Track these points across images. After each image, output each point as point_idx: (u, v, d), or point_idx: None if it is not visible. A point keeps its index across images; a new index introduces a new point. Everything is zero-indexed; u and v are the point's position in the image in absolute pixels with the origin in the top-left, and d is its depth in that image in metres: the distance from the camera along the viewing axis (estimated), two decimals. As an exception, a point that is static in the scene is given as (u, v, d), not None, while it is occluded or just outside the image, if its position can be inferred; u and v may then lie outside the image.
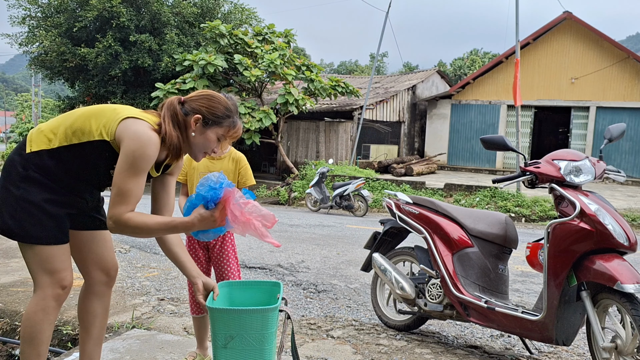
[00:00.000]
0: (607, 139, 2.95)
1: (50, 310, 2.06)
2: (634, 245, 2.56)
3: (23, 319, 2.08)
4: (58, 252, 2.06)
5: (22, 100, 48.18)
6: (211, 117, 2.05)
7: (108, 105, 2.08)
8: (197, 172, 2.70)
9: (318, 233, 8.21)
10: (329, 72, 43.10)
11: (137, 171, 1.93)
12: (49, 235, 2.02)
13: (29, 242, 2.02)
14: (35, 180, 2.00)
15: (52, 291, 2.06)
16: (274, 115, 15.48)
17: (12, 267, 4.95)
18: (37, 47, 19.77)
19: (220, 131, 2.08)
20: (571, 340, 2.81)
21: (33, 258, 2.05)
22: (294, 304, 4.19)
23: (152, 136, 1.96)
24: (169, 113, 2.04)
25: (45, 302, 2.05)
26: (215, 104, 2.08)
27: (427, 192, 13.25)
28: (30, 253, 2.05)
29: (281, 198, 15.00)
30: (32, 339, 2.05)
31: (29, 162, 2.01)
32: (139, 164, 1.93)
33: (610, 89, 18.07)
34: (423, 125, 22.87)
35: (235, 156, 2.73)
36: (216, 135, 2.08)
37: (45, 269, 2.05)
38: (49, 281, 2.05)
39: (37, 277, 2.07)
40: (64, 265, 2.08)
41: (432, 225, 3.32)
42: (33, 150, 2.02)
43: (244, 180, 2.72)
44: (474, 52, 49.95)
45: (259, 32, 17.33)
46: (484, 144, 3.00)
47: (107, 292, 2.32)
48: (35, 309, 2.05)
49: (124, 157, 1.93)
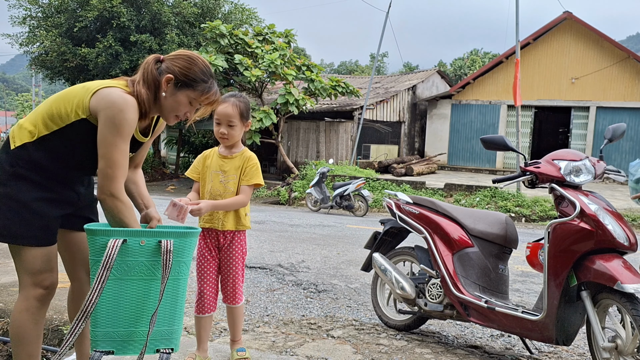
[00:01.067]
0: (607, 139, 2.95)
1: (34, 310, 2.03)
2: (634, 245, 2.56)
3: (10, 319, 2.07)
4: (42, 253, 2.01)
5: (22, 101, 48.20)
6: (183, 79, 1.98)
7: (78, 85, 2.04)
8: (210, 171, 2.70)
9: (318, 233, 8.21)
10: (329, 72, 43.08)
11: (122, 137, 1.89)
12: (34, 236, 1.98)
13: (13, 243, 1.98)
14: (24, 177, 1.96)
15: (34, 291, 2.02)
16: (274, 115, 15.48)
17: (12, 267, 4.94)
18: (38, 47, 19.77)
19: (192, 95, 2.01)
20: (571, 340, 2.81)
21: (17, 258, 2.02)
22: (295, 304, 4.19)
23: (128, 99, 1.91)
24: (142, 71, 1.99)
25: (28, 303, 2.03)
26: (190, 65, 2.00)
27: (427, 192, 13.25)
28: (16, 252, 2.02)
29: (281, 198, 15.00)
30: (20, 339, 2.03)
31: (16, 159, 1.97)
32: (121, 130, 1.88)
33: (611, 89, 18.07)
34: (423, 125, 22.87)
35: (247, 155, 2.72)
36: (187, 99, 2.01)
37: (27, 269, 2.01)
38: (31, 281, 2.02)
39: (20, 276, 2.05)
40: (47, 267, 2.04)
41: (432, 225, 3.32)
42: (17, 145, 1.97)
43: (247, 178, 2.66)
44: (474, 52, 49.96)
45: (260, 32, 17.34)
46: (484, 144, 3.00)
47: None
48: (20, 309, 2.03)
49: (104, 126, 1.87)
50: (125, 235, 1.89)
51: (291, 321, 3.73)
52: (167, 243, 1.90)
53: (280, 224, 9.14)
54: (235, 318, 2.78)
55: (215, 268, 2.73)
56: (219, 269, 2.75)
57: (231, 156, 2.70)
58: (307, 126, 19.90)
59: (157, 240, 1.91)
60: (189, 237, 1.96)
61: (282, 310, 4.02)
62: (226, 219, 2.65)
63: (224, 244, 2.69)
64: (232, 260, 2.70)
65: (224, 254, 2.71)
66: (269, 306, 4.10)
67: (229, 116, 2.59)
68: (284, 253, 6.29)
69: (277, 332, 3.47)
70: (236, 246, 2.70)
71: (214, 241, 2.71)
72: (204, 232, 2.70)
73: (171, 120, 2.08)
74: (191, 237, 1.96)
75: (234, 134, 2.63)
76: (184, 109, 2.03)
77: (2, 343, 3.47)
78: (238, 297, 2.74)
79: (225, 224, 2.65)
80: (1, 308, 3.75)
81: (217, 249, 2.73)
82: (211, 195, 2.66)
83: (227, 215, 2.66)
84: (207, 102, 2.06)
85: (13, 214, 1.95)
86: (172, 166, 23.46)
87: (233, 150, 2.72)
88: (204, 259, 2.72)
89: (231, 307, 2.74)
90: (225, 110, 2.58)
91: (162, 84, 1.98)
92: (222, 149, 2.74)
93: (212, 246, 2.72)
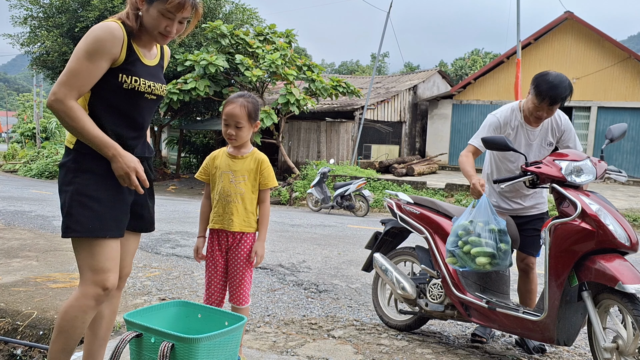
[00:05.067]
0: (609, 139, 2.95)
1: (87, 310, 2.04)
2: (635, 245, 2.56)
3: (61, 309, 2.06)
4: (108, 248, 2.03)
5: (23, 101, 48.20)
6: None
7: None
8: (220, 171, 2.69)
9: (319, 233, 8.21)
10: (330, 72, 43.11)
11: (87, 53, 1.92)
12: (102, 227, 2.01)
13: (87, 236, 2.00)
14: (89, 170, 2.01)
15: (93, 291, 2.03)
16: (275, 115, 15.48)
17: (14, 267, 4.96)
18: (39, 47, 19.78)
19: (161, 6, 1.99)
20: (572, 341, 2.81)
21: (83, 252, 2.03)
22: (295, 304, 4.19)
23: (109, 23, 1.98)
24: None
25: (84, 302, 2.03)
26: None
27: (428, 192, 13.25)
28: (81, 247, 2.03)
29: (282, 198, 15.00)
30: (63, 332, 2.04)
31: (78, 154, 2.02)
32: (89, 45, 1.92)
33: (612, 89, 18.05)
34: (424, 125, 22.87)
35: (259, 157, 2.72)
36: (159, 11, 2.00)
37: (91, 265, 2.02)
38: (92, 279, 2.02)
39: (83, 273, 2.05)
40: (110, 265, 2.05)
41: (433, 225, 3.32)
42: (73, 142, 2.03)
43: (266, 181, 2.70)
44: (475, 52, 49.95)
45: (260, 32, 17.34)
46: (485, 144, 2.99)
47: (117, 295, 2.30)
48: (73, 304, 2.03)
49: (80, 43, 1.94)
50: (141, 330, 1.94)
51: (292, 321, 3.73)
52: (165, 347, 1.89)
53: (281, 224, 9.14)
54: None
55: (223, 268, 2.74)
56: (226, 269, 2.75)
57: (241, 156, 2.70)
58: (308, 126, 19.90)
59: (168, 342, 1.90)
60: (196, 343, 1.88)
61: (283, 310, 4.02)
62: (235, 219, 2.65)
63: (233, 244, 2.70)
64: (239, 261, 2.70)
65: (232, 255, 2.71)
66: (270, 306, 4.10)
67: (237, 117, 2.58)
68: (285, 253, 6.29)
69: (278, 332, 3.47)
70: (244, 247, 2.70)
71: (224, 242, 2.71)
72: (214, 232, 2.72)
73: (159, 40, 2.09)
74: (198, 343, 1.88)
75: (242, 134, 2.64)
76: (162, 24, 2.03)
77: (3, 343, 3.48)
78: (243, 298, 2.72)
79: (234, 225, 2.65)
80: (2, 308, 3.76)
81: (227, 249, 2.73)
82: (221, 195, 2.66)
83: (237, 217, 2.65)
84: (177, 10, 2.01)
85: (84, 209, 1.99)
86: (173, 166, 23.47)
87: (243, 151, 2.72)
88: (214, 258, 2.73)
89: (236, 307, 2.73)
90: (233, 111, 2.58)
91: (137, 3, 2.03)
92: (231, 149, 2.74)
93: (222, 246, 2.72)
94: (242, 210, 2.66)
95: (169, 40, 2.11)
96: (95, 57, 1.94)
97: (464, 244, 2.93)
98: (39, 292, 4.12)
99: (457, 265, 2.98)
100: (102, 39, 1.93)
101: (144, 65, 2.11)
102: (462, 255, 2.93)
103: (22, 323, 3.55)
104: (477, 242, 2.87)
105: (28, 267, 4.99)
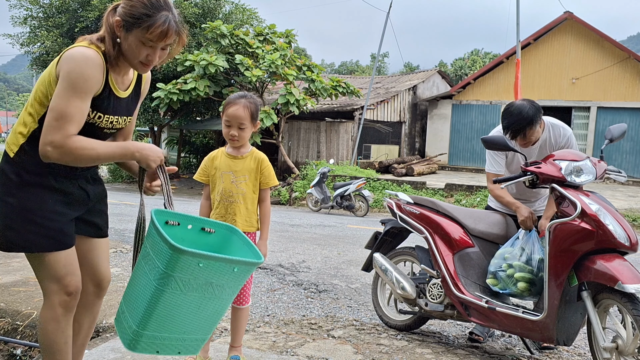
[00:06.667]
0: (608, 139, 2.95)
1: (60, 319, 2.00)
2: (634, 245, 2.56)
3: (37, 327, 2.03)
4: (63, 257, 1.98)
5: (23, 101, 48.23)
6: (128, 19, 1.82)
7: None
8: (220, 172, 2.68)
9: (319, 233, 8.21)
10: (330, 73, 43.11)
11: (76, 92, 1.78)
12: (52, 242, 1.94)
13: (33, 251, 1.94)
14: (30, 184, 1.92)
15: (58, 298, 1.99)
16: (275, 116, 15.48)
17: (14, 266, 4.96)
18: (39, 48, 19.78)
19: (140, 34, 1.82)
20: (572, 340, 2.81)
21: (39, 266, 1.98)
22: (295, 304, 4.19)
23: (87, 52, 1.80)
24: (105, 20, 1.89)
25: (54, 311, 1.99)
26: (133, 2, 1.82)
27: (428, 192, 13.25)
28: (36, 261, 1.98)
29: (282, 198, 15.00)
30: (49, 348, 2.02)
31: (19, 166, 1.92)
32: (78, 84, 1.78)
33: (611, 89, 18.06)
34: (424, 126, 22.88)
35: (258, 156, 2.72)
36: (138, 40, 1.83)
37: (50, 275, 1.97)
38: (55, 288, 1.98)
39: (43, 284, 2.00)
40: (70, 270, 2.00)
41: (433, 225, 3.32)
42: (15, 152, 1.93)
43: (267, 181, 2.70)
44: (475, 52, 49.98)
45: (260, 32, 17.35)
46: (484, 144, 3.00)
47: (96, 303, 2.23)
48: (46, 319, 2.00)
49: (61, 80, 1.78)
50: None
51: (292, 321, 3.74)
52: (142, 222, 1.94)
53: (280, 224, 9.14)
54: (239, 320, 2.74)
55: None
56: None
57: (241, 156, 2.69)
58: (307, 126, 19.91)
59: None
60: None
61: (282, 310, 4.02)
62: (237, 219, 2.65)
63: None
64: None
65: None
66: (270, 306, 4.11)
67: (240, 118, 2.57)
68: (285, 253, 6.29)
69: (277, 332, 3.47)
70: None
71: None
72: None
73: (139, 68, 1.94)
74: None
75: (244, 135, 2.63)
76: (142, 52, 1.87)
77: (3, 343, 3.48)
78: (244, 297, 2.72)
79: (237, 225, 2.64)
80: (2, 308, 3.76)
81: None
82: (222, 196, 2.65)
83: (240, 217, 2.65)
84: (158, 39, 1.85)
85: (27, 224, 1.91)
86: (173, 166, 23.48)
87: (242, 151, 2.71)
88: None
89: (236, 307, 2.72)
90: (237, 113, 2.56)
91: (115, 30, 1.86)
92: (231, 149, 2.72)
93: None
94: (244, 210, 2.66)
95: (150, 69, 1.97)
96: (87, 95, 1.83)
97: (509, 266, 2.96)
98: (39, 292, 4.12)
99: (498, 287, 3.02)
100: (89, 76, 1.81)
101: (116, 98, 1.99)
102: (505, 278, 2.97)
103: (22, 323, 3.55)
104: (522, 268, 2.91)
105: (28, 267, 4.99)
